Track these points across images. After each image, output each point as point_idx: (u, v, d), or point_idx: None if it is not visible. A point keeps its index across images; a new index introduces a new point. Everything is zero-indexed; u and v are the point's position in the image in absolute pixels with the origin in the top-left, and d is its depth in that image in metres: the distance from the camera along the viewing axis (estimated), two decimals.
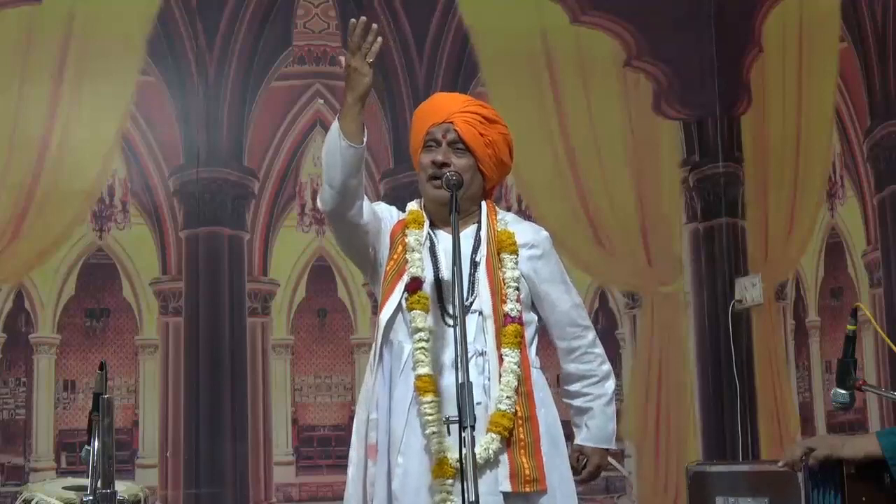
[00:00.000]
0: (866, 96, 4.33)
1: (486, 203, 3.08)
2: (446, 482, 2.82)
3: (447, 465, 2.82)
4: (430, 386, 2.88)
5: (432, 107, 3.11)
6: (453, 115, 3.01)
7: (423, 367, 2.89)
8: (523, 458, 2.88)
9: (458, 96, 3.20)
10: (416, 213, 3.06)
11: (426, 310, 2.93)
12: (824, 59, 4.58)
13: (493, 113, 3.07)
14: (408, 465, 2.87)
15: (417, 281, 2.94)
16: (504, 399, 2.87)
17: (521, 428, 2.89)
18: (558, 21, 5.22)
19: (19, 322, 4.65)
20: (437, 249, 3.01)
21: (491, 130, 3.02)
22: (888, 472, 2.60)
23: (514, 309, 2.95)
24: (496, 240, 3.01)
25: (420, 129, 3.06)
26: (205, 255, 4.83)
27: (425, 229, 3.03)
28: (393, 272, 2.98)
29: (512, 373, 2.90)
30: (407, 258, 2.97)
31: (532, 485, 2.87)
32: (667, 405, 5.13)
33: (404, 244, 2.99)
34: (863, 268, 4.36)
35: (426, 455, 2.86)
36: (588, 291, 5.09)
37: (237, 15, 4.96)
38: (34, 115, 4.74)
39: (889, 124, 4.21)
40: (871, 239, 4.32)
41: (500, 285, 2.96)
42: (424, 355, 2.90)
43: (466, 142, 2.99)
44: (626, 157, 5.23)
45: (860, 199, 4.38)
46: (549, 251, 3.09)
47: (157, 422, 4.70)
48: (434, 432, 2.84)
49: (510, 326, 2.93)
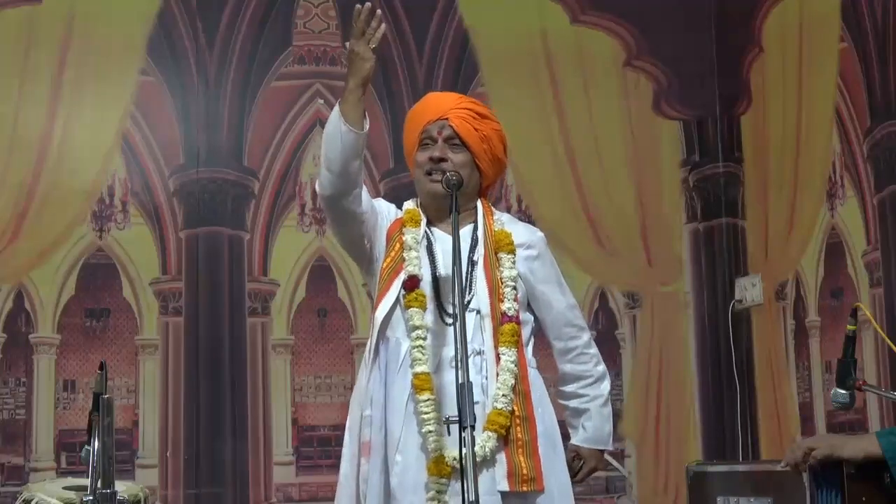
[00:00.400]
0: (866, 96, 4.33)
1: (482, 202, 3.09)
2: (441, 480, 2.83)
3: (444, 463, 2.83)
4: (428, 384, 2.89)
5: (425, 106, 3.13)
6: (448, 112, 3.03)
7: (420, 365, 2.90)
8: (521, 457, 2.88)
9: (450, 95, 3.22)
10: (413, 211, 3.07)
11: (423, 307, 2.94)
12: (824, 59, 4.58)
13: (486, 109, 3.10)
14: (406, 463, 2.87)
15: (415, 279, 2.95)
16: (500, 398, 2.88)
17: (518, 427, 2.90)
18: (558, 21, 5.21)
19: (19, 322, 4.65)
20: (434, 248, 3.02)
21: (484, 126, 3.04)
22: (888, 472, 2.60)
23: (511, 308, 2.96)
24: (493, 239, 3.02)
25: (414, 129, 3.08)
26: (205, 255, 4.83)
27: (422, 227, 3.04)
28: (390, 269, 2.98)
29: (509, 371, 2.91)
30: (404, 256, 2.98)
31: (529, 484, 2.87)
32: (667, 405, 5.13)
33: (402, 242, 3.00)
34: (863, 268, 4.36)
35: (423, 453, 2.87)
36: (588, 291, 5.09)
37: (237, 15, 4.96)
38: (34, 115, 4.74)
39: (889, 124, 4.21)
40: (871, 239, 4.32)
41: (498, 284, 2.96)
42: (422, 353, 2.90)
43: (462, 137, 3.01)
44: (626, 157, 5.23)
45: (860, 199, 4.38)
46: (544, 252, 3.10)
47: (157, 422, 4.70)
48: (430, 431, 2.85)
49: (507, 325, 2.94)
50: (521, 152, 5.10)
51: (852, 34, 4.40)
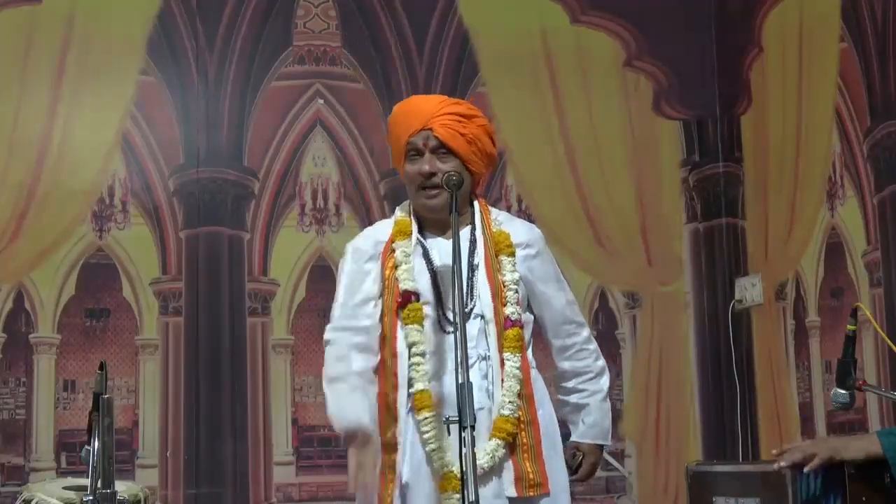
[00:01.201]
0: (866, 96, 4.33)
1: (479, 202, 3.07)
2: (454, 496, 2.83)
3: (454, 478, 2.82)
4: (428, 401, 2.88)
5: (407, 114, 3.05)
6: (430, 121, 2.96)
7: (419, 384, 2.90)
8: (527, 462, 2.89)
9: (431, 99, 3.13)
10: (403, 222, 3.03)
11: (420, 322, 2.93)
12: (824, 59, 4.58)
13: (468, 107, 3.04)
14: (413, 480, 2.89)
15: (407, 294, 2.93)
16: (507, 404, 2.87)
17: (523, 433, 2.90)
18: (558, 21, 5.21)
19: (19, 322, 4.65)
20: (430, 254, 3.00)
21: (470, 127, 2.98)
22: (888, 472, 2.60)
23: (514, 312, 2.94)
24: (493, 241, 3.00)
25: (399, 136, 3.01)
26: (205, 255, 4.83)
27: (414, 235, 3.00)
28: (388, 291, 2.97)
29: (514, 377, 2.90)
30: (396, 276, 2.95)
31: (536, 489, 2.89)
32: (667, 405, 5.13)
33: (394, 260, 2.98)
34: (863, 268, 4.36)
35: (429, 467, 2.88)
36: (588, 291, 5.09)
37: (237, 15, 4.96)
38: (34, 114, 4.74)
39: (889, 124, 4.21)
40: (871, 239, 4.32)
41: (501, 288, 2.95)
42: (418, 371, 2.90)
43: (449, 146, 2.95)
44: (626, 157, 5.23)
45: (860, 199, 4.38)
46: (543, 250, 3.09)
47: (157, 422, 4.70)
48: (434, 449, 2.86)
49: (511, 330, 2.93)
50: (521, 152, 5.11)
51: (852, 34, 4.40)
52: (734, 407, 5.03)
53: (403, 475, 2.88)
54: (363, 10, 5.07)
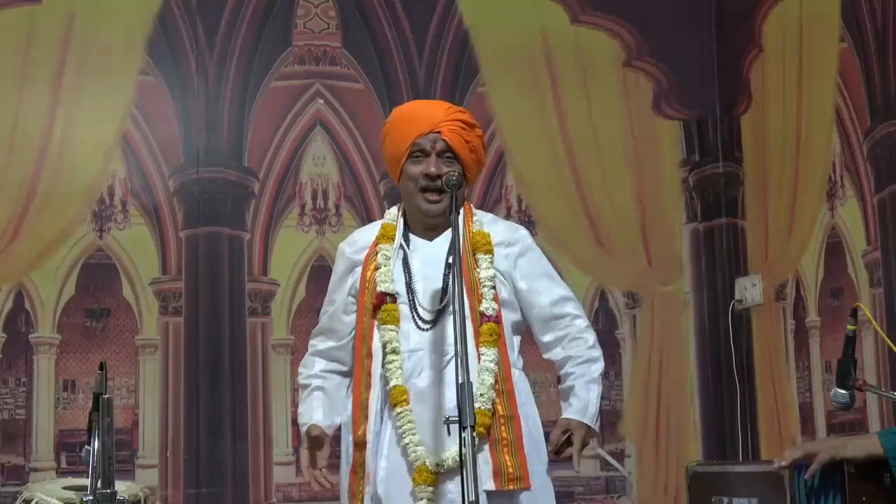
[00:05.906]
0: (866, 96, 4.33)
1: (465, 206, 3.12)
2: (427, 489, 2.89)
3: (426, 471, 2.89)
4: (404, 396, 2.95)
5: (415, 116, 3.12)
6: (439, 125, 3.04)
7: (395, 380, 2.97)
8: (506, 456, 2.91)
9: (439, 105, 3.22)
10: (388, 226, 3.12)
11: (396, 322, 3.00)
12: (824, 59, 4.59)
13: (470, 117, 3.14)
14: (390, 469, 2.95)
15: (382, 296, 3.02)
16: (479, 397, 2.89)
17: (503, 427, 2.93)
18: (558, 21, 5.21)
19: (19, 322, 4.65)
20: (409, 259, 3.07)
21: (472, 136, 3.09)
22: (889, 471, 2.60)
23: (489, 308, 3.00)
24: (471, 241, 3.06)
25: (403, 138, 3.07)
26: (205, 255, 4.83)
27: (397, 239, 3.08)
28: (366, 291, 3.06)
29: (488, 371, 2.95)
30: (374, 277, 3.05)
31: (516, 483, 2.91)
32: (667, 405, 5.13)
33: (375, 262, 3.08)
34: (863, 268, 4.36)
35: (405, 460, 2.93)
36: (588, 291, 5.09)
37: (237, 15, 4.96)
38: (34, 114, 4.74)
39: (889, 124, 4.21)
40: (871, 239, 4.32)
41: (476, 285, 3.00)
42: (392, 369, 2.97)
43: (455, 150, 3.04)
44: (626, 157, 5.23)
45: (860, 199, 4.38)
46: (528, 247, 3.13)
47: (157, 422, 4.70)
48: (408, 443, 2.92)
49: (486, 325, 2.98)
50: (520, 152, 5.11)
51: (852, 34, 4.40)
52: (734, 407, 5.04)
53: (380, 471, 2.93)
54: (363, 10, 5.08)
